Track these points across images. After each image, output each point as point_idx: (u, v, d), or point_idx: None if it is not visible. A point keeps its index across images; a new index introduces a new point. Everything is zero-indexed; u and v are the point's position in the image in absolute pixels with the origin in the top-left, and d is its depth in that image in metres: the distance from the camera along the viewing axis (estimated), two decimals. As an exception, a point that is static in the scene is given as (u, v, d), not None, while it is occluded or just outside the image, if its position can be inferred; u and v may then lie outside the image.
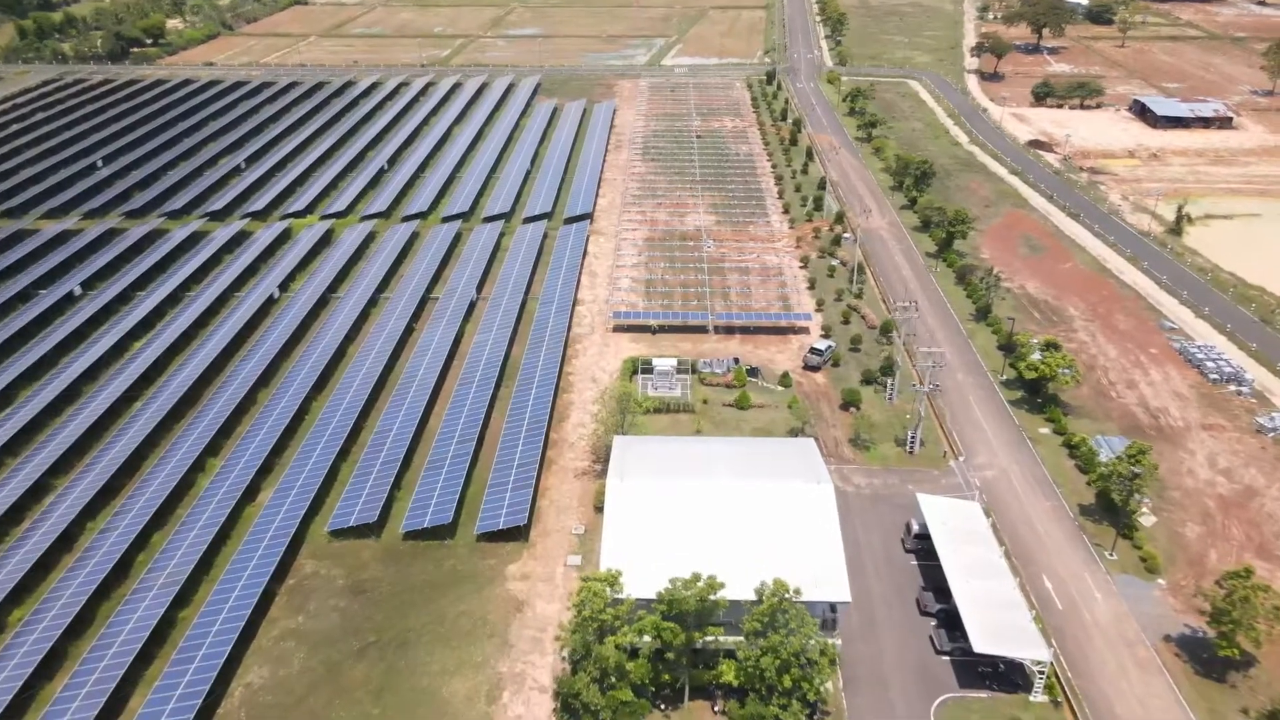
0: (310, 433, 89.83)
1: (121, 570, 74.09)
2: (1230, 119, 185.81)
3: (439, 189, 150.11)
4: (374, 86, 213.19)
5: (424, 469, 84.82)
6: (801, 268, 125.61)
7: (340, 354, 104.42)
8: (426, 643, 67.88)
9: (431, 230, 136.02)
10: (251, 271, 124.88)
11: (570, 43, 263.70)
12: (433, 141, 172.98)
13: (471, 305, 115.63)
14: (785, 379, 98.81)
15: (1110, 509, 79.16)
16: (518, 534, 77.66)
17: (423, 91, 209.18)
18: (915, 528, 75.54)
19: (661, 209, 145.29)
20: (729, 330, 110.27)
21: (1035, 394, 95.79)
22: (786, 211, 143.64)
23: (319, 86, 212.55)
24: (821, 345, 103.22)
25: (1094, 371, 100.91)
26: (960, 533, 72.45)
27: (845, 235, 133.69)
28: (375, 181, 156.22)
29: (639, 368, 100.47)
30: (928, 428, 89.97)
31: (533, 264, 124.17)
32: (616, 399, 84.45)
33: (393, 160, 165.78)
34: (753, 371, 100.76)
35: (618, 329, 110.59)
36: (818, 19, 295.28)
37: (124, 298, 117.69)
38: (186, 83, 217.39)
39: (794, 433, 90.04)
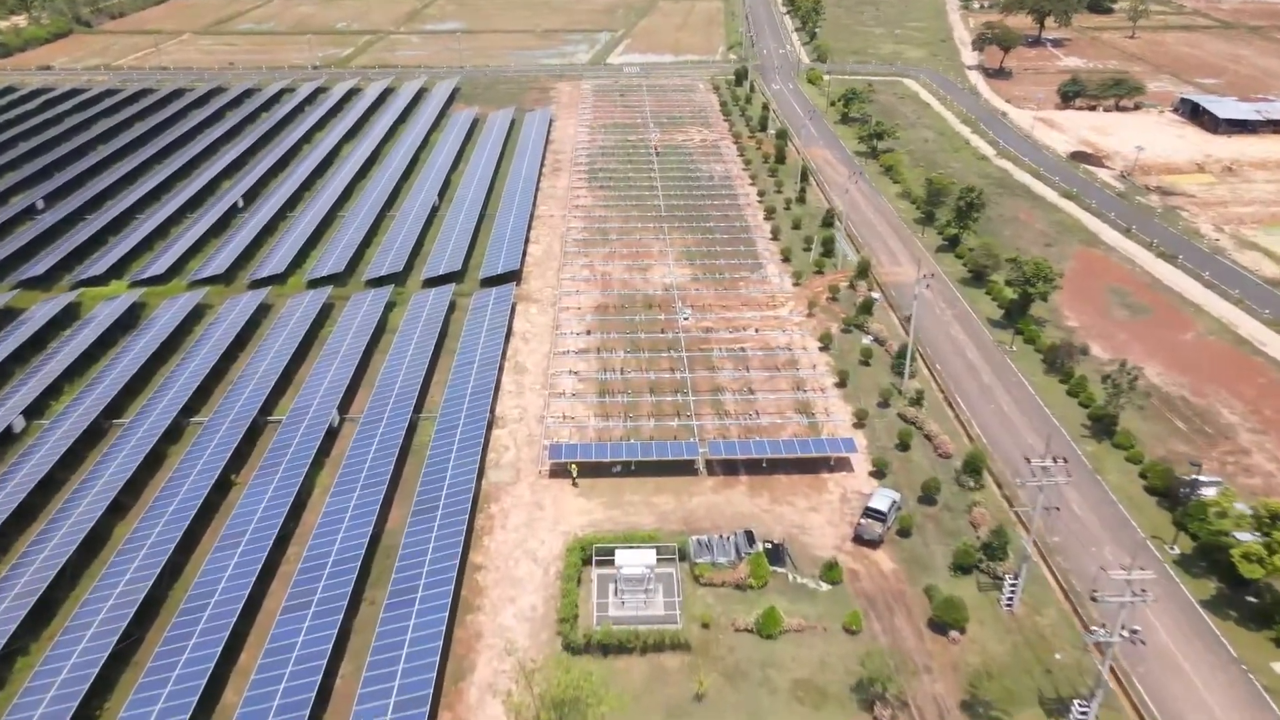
0: (-10, 742, 48.84)
1: None
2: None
3: (307, 237, 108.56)
4: (247, 94, 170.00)
5: (187, 833, 44.39)
6: (821, 349, 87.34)
7: (90, 547, 63.10)
8: None
9: (290, 302, 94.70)
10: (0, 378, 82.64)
11: (499, 39, 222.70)
12: (310, 167, 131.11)
13: (330, 432, 75.07)
14: (832, 570, 60.25)
15: None
16: None
17: (309, 99, 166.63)
18: None
19: (616, 259, 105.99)
20: (729, 468, 71.34)
21: (1241, 584, 58.76)
22: (787, 259, 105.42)
23: (176, 95, 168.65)
24: (882, 502, 64.85)
25: (1307, 532, 64.18)
26: None
27: (873, 294, 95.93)
28: (222, 226, 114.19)
29: (592, 556, 61.15)
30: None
31: (430, 355, 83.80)
32: (554, 705, 44.58)
33: (251, 195, 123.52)
34: (775, 555, 62.05)
35: (558, 472, 71.01)
36: (784, 9, 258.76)
37: None
38: (8, 90, 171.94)
39: (866, 696, 51.58)
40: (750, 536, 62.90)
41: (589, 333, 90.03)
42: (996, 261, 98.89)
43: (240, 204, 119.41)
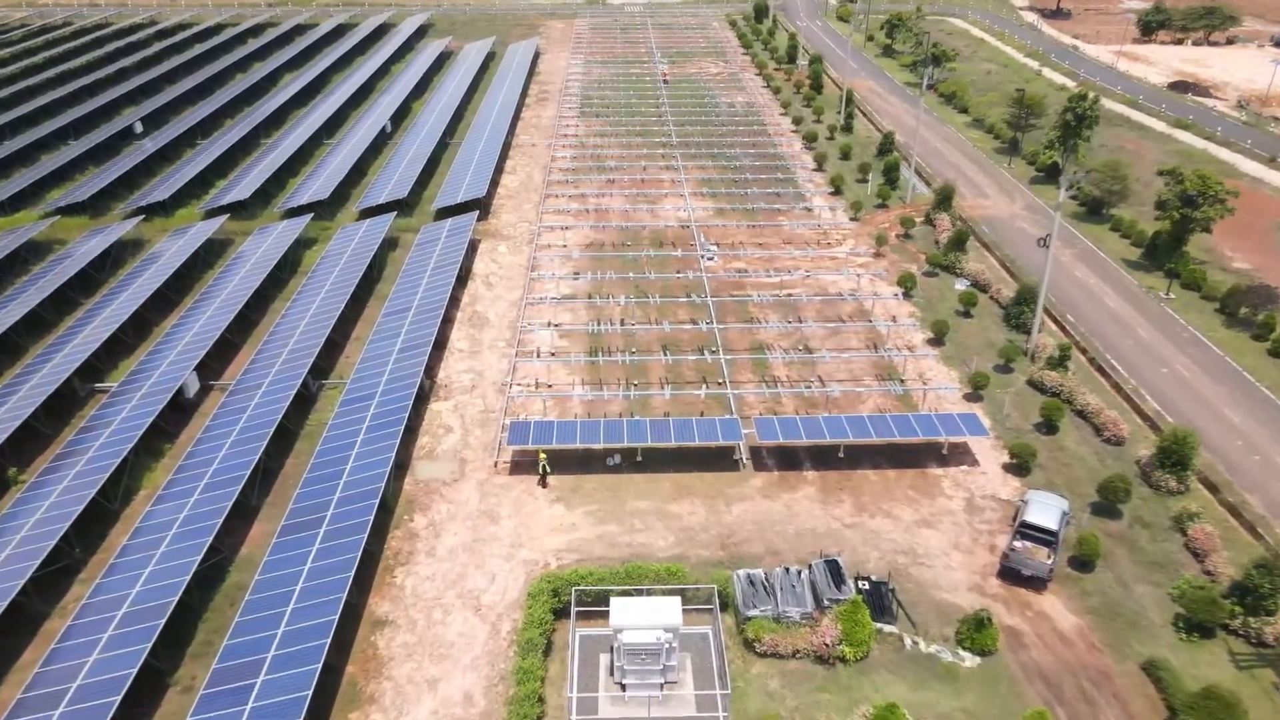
0: None
1: None
2: None
3: (213, 160, 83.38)
4: (181, 27, 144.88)
5: None
6: (903, 296, 62.20)
7: None
8: None
9: (169, 236, 69.52)
10: None
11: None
12: (236, 93, 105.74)
13: (179, 405, 50.05)
14: (981, 631, 35.08)
15: None
16: None
17: (252, 32, 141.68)
18: None
19: (615, 190, 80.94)
20: (787, 459, 46.21)
21: None
22: (837, 191, 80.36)
23: (97, 27, 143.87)
24: (1047, 514, 39.52)
25: None
26: None
27: (948, 222, 70.65)
28: (109, 152, 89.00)
29: (572, 606, 35.99)
30: None
31: (347, 300, 58.56)
32: None
33: (157, 120, 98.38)
34: (877, 602, 36.87)
35: (522, 465, 45.89)
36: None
37: None
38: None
39: None
40: (835, 569, 37.66)
41: (576, 275, 64.92)
42: (1125, 187, 73.89)
43: (139, 128, 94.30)
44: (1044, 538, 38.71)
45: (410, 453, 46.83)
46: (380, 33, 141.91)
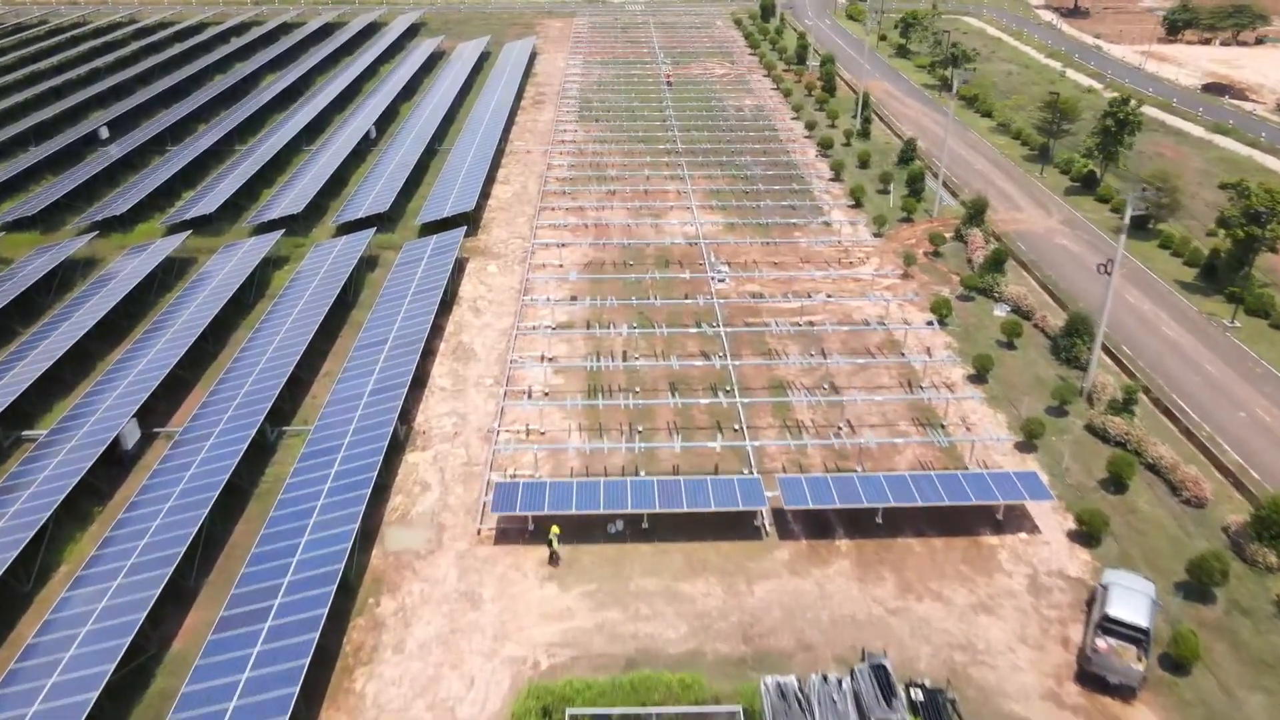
0: None
1: None
2: None
3: (179, 170, 76.87)
4: (161, 26, 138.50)
5: None
6: (938, 324, 55.76)
7: None
8: None
9: (124, 254, 62.93)
10: None
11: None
12: (210, 95, 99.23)
13: (116, 458, 43.58)
14: (1067, 760, 28.63)
15: None
16: None
17: (234, 30, 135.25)
18: None
19: (617, 203, 74.48)
20: (816, 525, 39.71)
21: None
22: (858, 204, 73.92)
23: (73, 26, 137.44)
24: (1133, 606, 33.17)
25: None
26: None
27: (994, 245, 64.15)
28: (69, 159, 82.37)
29: (565, 726, 29.63)
30: None
31: (315, 330, 52.10)
32: None
33: (122, 123, 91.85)
34: (935, 717, 30.45)
35: (509, 533, 39.45)
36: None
37: None
38: None
39: None
40: (883, 677, 31.19)
41: (574, 300, 58.49)
42: (1175, 199, 67.46)
43: (105, 133, 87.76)
44: (1134, 636, 32.32)
45: (380, 516, 40.42)
46: (369, 32, 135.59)
